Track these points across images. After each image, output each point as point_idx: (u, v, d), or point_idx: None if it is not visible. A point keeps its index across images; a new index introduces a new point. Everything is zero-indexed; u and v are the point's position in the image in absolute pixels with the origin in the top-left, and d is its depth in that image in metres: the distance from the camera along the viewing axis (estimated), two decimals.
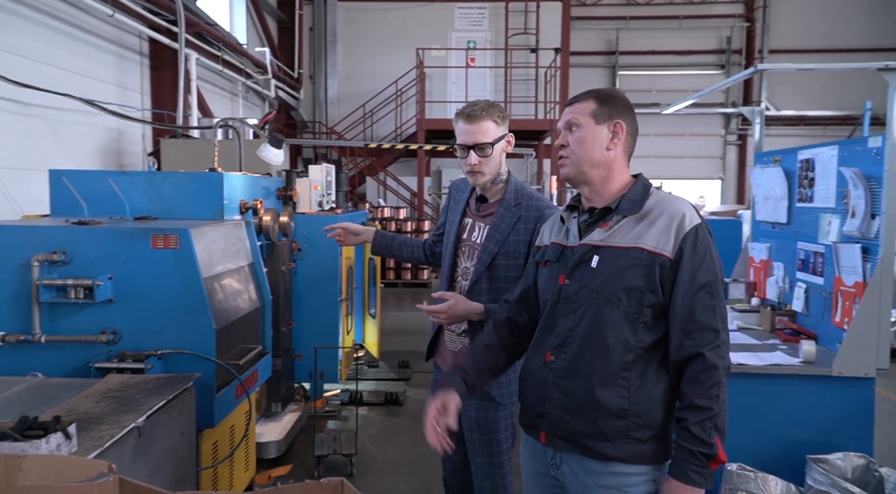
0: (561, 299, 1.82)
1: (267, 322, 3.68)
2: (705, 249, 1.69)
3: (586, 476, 1.76)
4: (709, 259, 1.69)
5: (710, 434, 1.61)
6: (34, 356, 2.80)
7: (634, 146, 1.85)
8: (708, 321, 1.66)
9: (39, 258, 2.74)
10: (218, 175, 3.61)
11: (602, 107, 1.79)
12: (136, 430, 2.16)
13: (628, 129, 1.80)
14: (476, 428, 2.38)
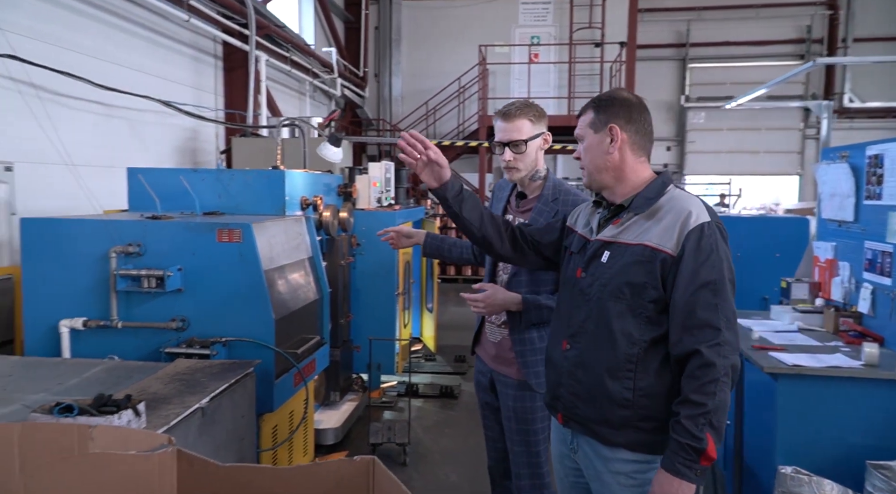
0: (577, 290, 1.91)
1: (325, 314, 3.83)
2: (711, 247, 1.71)
3: (598, 460, 1.84)
4: (714, 258, 1.71)
5: (702, 429, 1.63)
6: (112, 340, 3.03)
7: (647, 142, 1.90)
8: (709, 318, 1.68)
9: (117, 250, 2.96)
10: (280, 173, 3.79)
11: (599, 115, 1.88)
12: (199, 411, 2.32)
13: (628, 129, 1.85)
14: (513, 418, 2.45)
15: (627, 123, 1.86)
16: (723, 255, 1.73)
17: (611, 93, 1.93)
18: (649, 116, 1.92)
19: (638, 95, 1.94)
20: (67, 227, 3.06)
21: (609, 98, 1.89)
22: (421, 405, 5.14)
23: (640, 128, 1.87)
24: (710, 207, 1.81)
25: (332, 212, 4.31)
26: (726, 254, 1.74)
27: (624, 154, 1.87)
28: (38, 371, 2.64)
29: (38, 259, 3.08)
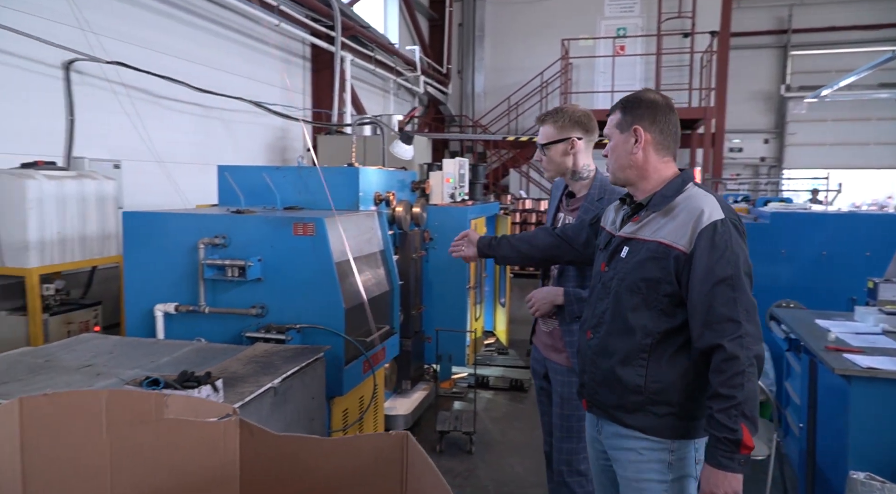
0: (600, 284, 2.02)
1: (395, 305, 4.00)
2: (725, 244, 1.76)
3: (615, 439, 1.98)
4: (729, 254, 1.76)
5: (736, 421, 1.69)
6: (199, 324, 3.31)
7: (671, 142, 1.96)
8: (728, 312, 1.73)
9: (204, 242, 3.23)
10: (354, 170, 3.98)
11: (625, 115, 1.97)
12: (272, 390, 2.53)
13: (652, 130, 1.92)
14: (560, 403, 2.56)
15: (651, 124, 1.93)
16: (737, 250, 1.78)
17: (638, 94, 1.99)
18: (675, 116, 1.97)
19: (666, 96, 1.99)
20: (162, 220, 3.37)
21: (636, 99, 1.96)
22: (491, 397, 5.24)
23: (665, 129, 1.94)
24: (727, 205, 1.86)
25: (405, 207, 4.47)
26: (741, 249, 1.79)
27: (647, 154, 1.94)
28: (135, 350, 2.94)
29: (136, 249, 3.41)
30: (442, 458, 4.01)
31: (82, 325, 4.56)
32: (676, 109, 1.99)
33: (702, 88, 13.02)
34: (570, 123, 2.57)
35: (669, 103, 1.97)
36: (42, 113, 5.07)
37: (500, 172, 14.35)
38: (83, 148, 5.42)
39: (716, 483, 1.73)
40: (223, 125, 7.44)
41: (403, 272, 4.55)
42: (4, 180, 4.22)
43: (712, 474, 1.74)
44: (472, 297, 5.20)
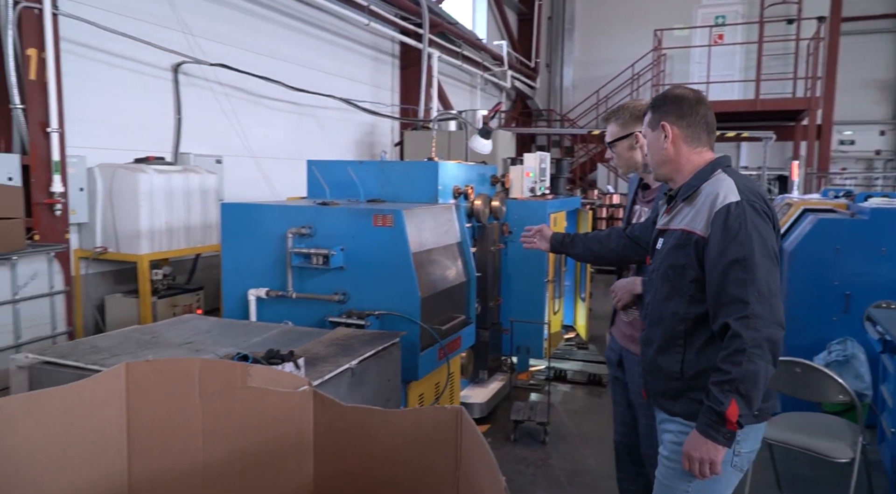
0: (647, 276, 2.13)
1: (472, 296, 4.10)
2: (739, 225, 1.79)
3: (662, 424, 2.07)
4: (743, 235, 1.78)
5: (727, 396, 1.74)
6: (287, 308, 3.55)
7: (703, 133, 2.02)
8: (739, 293, 1.76)
9: (292, 231, 3.46)
10: (434, 164, 4.11)
11: (653, 114, 2.07)
12: (349, 370, 2.69)
13: (679, 124, 2.00)
14: (639, 392, 2.56)
15: (678, 118, 2.01)
16: (752, 231, 1.79)
17: (665, 91, 2.09)
18: (705, 108, 2.02)
19: (695, 91, 2.07)
20: (255, 211, 3.63)
21: (662, 97, 2.07)
22: (568, 390, 5.25)
23: (693, 121, 2.00)
24: (750, 187, 1.88)
25: (484, 200, 4.57)
26: (759, 230, 1.80)
27: (678, 147, 2.02)
28: (230, 330, 3.20)
29: (233, 238, 3.68)
30: (516, 447, 4.09)
31: (186, 308, 4.96)
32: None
33: (808, 78, 12.32)
34: (631, 120, 2.64)
35: (699, 97, 2.03)
36: (153, 112, 5.53)
37: (588, 167, 14.17)
38: (188, 144, 5.85)
39: (695, 446, 1.83)
40: (315, 122, 7.80)
41: (481, 264, 4.65)
42: (120, 174, 4.66)
43: (695, 437, 1.84)
44: (551, 290, 5.23)
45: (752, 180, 1.99)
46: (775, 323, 1.76)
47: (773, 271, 1.80)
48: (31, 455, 1.45)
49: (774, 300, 1.77)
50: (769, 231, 1.83)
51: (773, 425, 3.14)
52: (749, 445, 1.93)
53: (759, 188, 1.93)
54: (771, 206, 1.88)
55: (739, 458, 1.92)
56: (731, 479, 1.95)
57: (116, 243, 4.69)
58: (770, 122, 12.56)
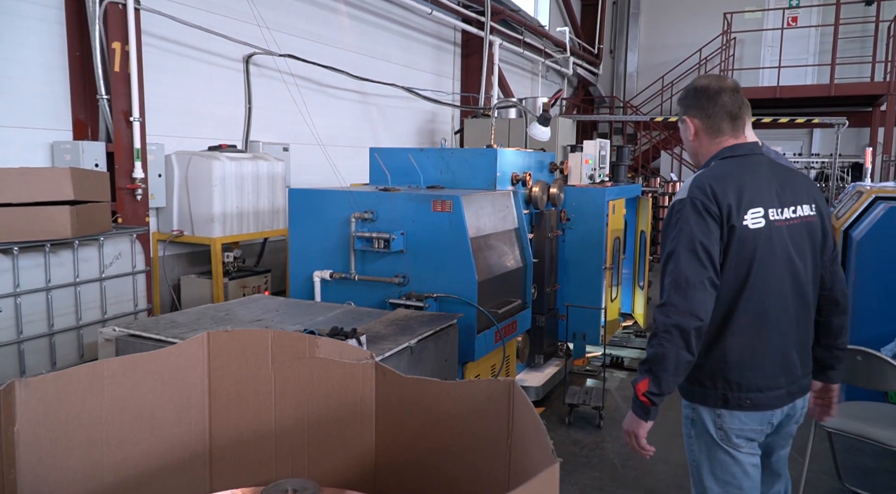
0: None
1: (528, 281, 4.17)
2: (675, 221, 1.94)
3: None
4: (674, 231, 1.93)
5: (642, 374, 1.93)
6: (350, 289, 3.71)
7: (722, 122, 2.04)
8: (666, 283, 1.92)
9: (355, 216, 3.60)
10: (492, 151, 4.19)
11: (679, 109, 2.17)
12: (408, 349, 2.82)
13: (699, 116, 2.07)
14: None
15: (698, 110, 2.07)
16: (683, 227, 1.90)
17: (689, 84, 2.14)
18: (728, 95, 2.03)
19: (720, 78, 2.09)
20: (320, 196, 3.79)
21: (684, 91, 2.15)
22: (625, 377, 5.26)
23: (713, 112, 2.04)
24: (702, 184, 1.93)
25: (542, 187, 4.61)
26: (691, 226, 1.89)
27: (700, 139, 2.10)
28: (297, 309, 3.38)
29: (299, 222, 3.87)
30: (571, 430, 4.15)
31: (255, 289, 5.21)
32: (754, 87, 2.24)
33: (887, 61, 11.73)
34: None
35: (721, 85, 2.04)
36: (226, 102, 5.79)
37: (651, 155, 13.90)
38: (258, 133, 6.10)
39: (626, 420, 2.05)
40: (378, 110, 7.96)
41: (539, 251, 4.70)
42: (195, 161, 4.92)
43: (628, 414, 2.04)
44: (608, 278, 5.23)
45: (732, 173, 1.96)
46: (688, 313, 1.85)
47: (695, 264, 1.87)
48: (127, 412, 1.62)
49: (692, 292, 1.85)
50: (703, 227, 1.89)
51: None
52: (735, 423, 1.99)
53: (726, 183, 1.92)
54: (724, 202, 1.90)
55: (723, 432, 2.00)
56: (721, 457, 2.04)
57: (191, 227, 4.97)
58: (845, 107, 12.03)
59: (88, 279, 3.64)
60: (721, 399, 1.97)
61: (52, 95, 4.50)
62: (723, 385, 1.97)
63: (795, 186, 2.04)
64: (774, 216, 1.95)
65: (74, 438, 1.53)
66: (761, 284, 1.93)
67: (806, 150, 13.31)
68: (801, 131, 13.19)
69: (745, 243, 1.90)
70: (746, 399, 1.97)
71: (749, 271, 1.92)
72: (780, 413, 2.03)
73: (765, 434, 2.03)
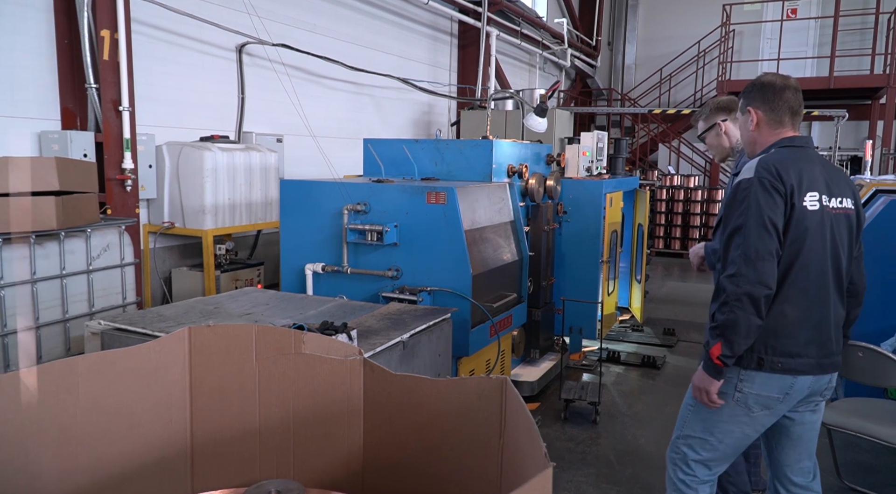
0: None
1: (524, 275, 4.11)
2: (743, 197, 2.09)
3: None
4: (744, 206, 2.08)
5: (715, 338, 2.09)
6: (343, 283, 3.64)
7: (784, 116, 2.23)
8: (733, 256, 2.08)
9: (348, 208, 3.54)
10: (488, 142, 4.11)
11: (743, 99, 2.36)
12: (401, 343, 2.76)
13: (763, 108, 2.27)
14: None
15: (762, 103, 2.25)
16: (752, 203, 2.06)
17: (756, 78, 2.32)
18: (791, 92, 2.23)
19: (784, 77, 2.28)
20: (312, 188, 3.72)
21: (751, 84, 2.32)
22: (621, 371, 5.21)
23: (777, 106, 2.23)
24: (772, 166, 2.09)
25: (538, 180, 4.55)
26: (759, 203, 2.06)
27: (761, 129, 2.28)
28: (287, 303, 3.31)
29: (291, 213, 3.80)
30: (566, 425, 4.10)
31: (248, 282, 5.15)
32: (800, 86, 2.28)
33: (887, 54, 11.65)
34: (713, 112, 3.07)
35: (786, 83, 2.24)
36: (218, 92, 5.71)
37: (649, 148, 13.83)
38: (251, 123, 6.02)
39: (696, 376, 2.21)
40: (373, 102, 7.88)
41: (535, 244, 4.64)
42: (186, 152, 4.84)
43: (698, 371, 2.20)
44: (605, 271, 5.18)
45: (792, 159, 2.13)
46: (758, 282, 2.02)
47: (765, 237, 2.04)
48: (103, 410, 1.56)
49: (761, 263, 2.03)
50: (770, 203, 2.06)
51: (832, 409, 3.06)
52: (755, 388, 2.16)
53: (788, 166, 2.09)
54: (788, 182, 2.08)
55: (742, 395, 2.18)
56: (734, 412, 2.21)
57: (182, 219, 4.90)
58: (844, 100, 11.95)
59: (75, 271, 3.57)
60: (756, 362, 2.14)
61: (39, 83, 4.41)
62: (760, 348, 2.13)
63: (840, 179, 2.22)
64: (826, 202, 2.13)
65: (47, 437, 1.47)
66: (810, 261, 2.11)
67: None
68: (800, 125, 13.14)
69: (801, 221, 2.08)
70: (778, 363, 2.13)
71: (801, 248, 2.10)
72: (802, 384, 2.16)
73: (779, 402, 2.17)
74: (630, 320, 6.35)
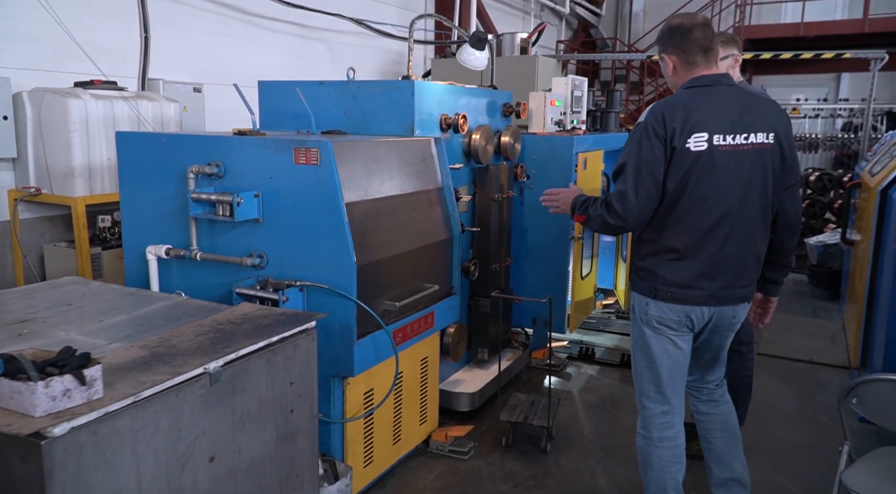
0: None
1: (454, 259, 3.14)
2: (631, 140, 2.27)
3: None
4: (629, 148, 2.26)
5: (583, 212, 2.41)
6: (195, 272, 2.71)
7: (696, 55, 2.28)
8: (614, 191, 2.28)
9: (194, 170, 2.57)
10: (408, 84, 3.11)
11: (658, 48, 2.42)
12: (206, 376, 1.82)
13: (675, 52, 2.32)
14: None
15: (674, 47, 2.31)
16: (634, 147, 2.23)
17: (663, 25, 2.37)
18: (700, 30, 2.26)
19: (691, 15, 2.35)
20: (154, 142, 2.75)
21: (660, 31, 2.37)
22: (594, 373, 4.26)
23: (687, 47, 2.28)
24: (656, 110, 2.23)
25: (485, 135, 3.54)
26: (640, 147, 2.21)
27: (679, 74, 2.34)
28: (98, 303, 2.38)
29: (132, 178, 2.85)
30: (507, 456, 3.16)
31: None
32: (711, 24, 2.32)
33: None
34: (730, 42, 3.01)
35: (694, 22, 2.27)
36: (112, 29, 4.68)
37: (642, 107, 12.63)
38: (164, 70, 5.02)
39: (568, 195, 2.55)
40: (326, 48, 6.82)
41: (483, 217, 3.67)
42: (49, 100, 3.88)
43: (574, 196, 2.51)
44: (577, 250, 4.19)
45: (688, 100, 2.22)
46: (620, 218, 2.24)
47: (638, 180, 2.20)
48: None
49: (628, 203, 2.22)
50: (649, 147, 2.19)
51: (859, 469, 2.11)
52: (655, 311, 2.36)
53: (677, 110, 2.19)
54: (670, 126, 2.18)
55: (647, 316, 2.38)
56: (647, 332, 2.41)
57: (49, 183, 3.96)
58: (879, 49, 10.64)
59: None
60: (651, 291, 2.35)
61: None
62: (652, 279, 2.34)
63: (756, 114, 2.25)
64: (719, 141, 2.19)
65: None
66: (696, 199, 2.21)
67: (832, 96, 11.95)
68: (827, 76, 11.83)
69: (682, 162, 2.19)
70: (668, 293, 2.31)
71: (685, 187, 2.20)
72: (700, 312, 2.33)
73: (685, 325, 2.35)
74: (615, 305, 5.38)
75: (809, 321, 5.67)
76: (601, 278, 5.08)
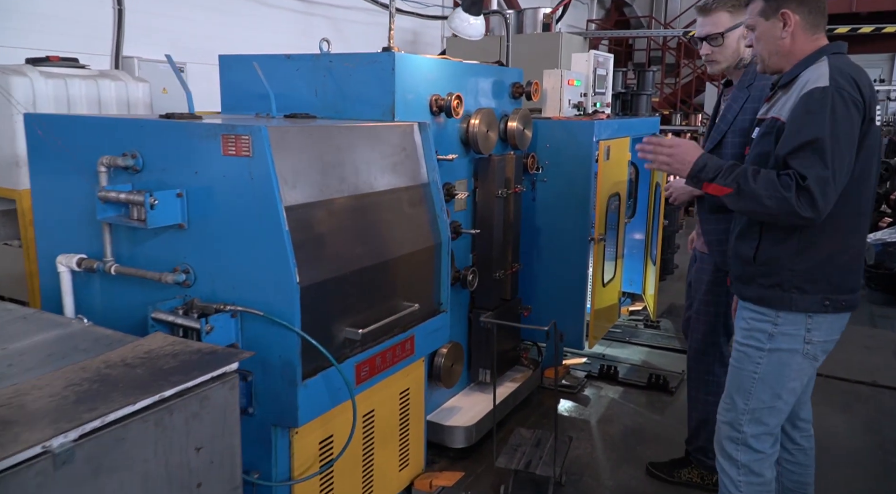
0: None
1: (442, 268, 2.58)
2: (819, 107, 1.76)
3: (739, 311, 2.10)
4: (819, 118, 1.75)
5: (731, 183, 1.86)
6: (113, 288, 2.19)
7: (821, 18, 1.93)
8: (809, 177, 1.74)
9: (105, 162, 2.05)
10: (387, 56, 2.55)
11: (768, 2, 1.94)
12: (47, 458, 1.30)
13: (800, 11, 1.90)
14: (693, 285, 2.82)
15: (799, 4, 1.91)
16: (829, 116, 1.75)
17: None
18: None
19: None
20: (65, 126, 2.23)
21: None
22: (617, 397, 3.67)
23: (814, 7, 1.92)
24: (845, 74, 1.81)
25: (486, 119, 2.96)
26: (836, 116, 1.76)
27: (796, 37, 1.94)
28: None
29: (44, 170, 2.33)
30: None
31: None
32: None
33: None
34: (743, 7, 2.36)
35: None
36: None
37: (694, 88, 11.81)
38: (142, 47, 4.54)
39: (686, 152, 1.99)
40: (331, 25, 6.28)
41: (484, 216, 3.10)
42: None
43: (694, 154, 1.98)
44: (598, 252, 3.59)
45: (856, 68, 1.87)
46: (817, 210, 1.75)
47: (842, 161, 1.77)
48: None
49: (830, 189, 1.76)
50: (850, 118, 1.78)
51: None
52: (823, 334, 1.95)
53: (860, 76, 1.84)
54: (866, 93, 1.83)
55: (812, 346, 1.96)
56: (802, 366, 1.98)
57: None
58: None
59: None
60: (820, 305, 1.92)
61: None
62: (825, 288, 1.92)
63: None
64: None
65: None
66: (870, 186, 1.94)
67: (887, 76, 11.03)
68: (881, 57, 10.91)
69: (872, 140, 1.87)
70: (842, 301, 1.94)
71: (870, 171, 1.91)
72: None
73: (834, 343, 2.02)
74: (643, 311, 4.77)
75: (868, 331, 4.99)
76: (627, 281, 4.46)
